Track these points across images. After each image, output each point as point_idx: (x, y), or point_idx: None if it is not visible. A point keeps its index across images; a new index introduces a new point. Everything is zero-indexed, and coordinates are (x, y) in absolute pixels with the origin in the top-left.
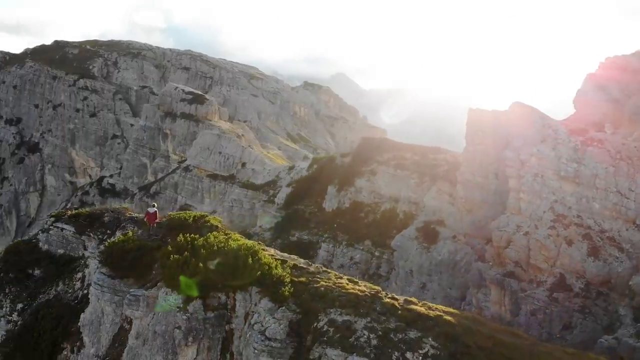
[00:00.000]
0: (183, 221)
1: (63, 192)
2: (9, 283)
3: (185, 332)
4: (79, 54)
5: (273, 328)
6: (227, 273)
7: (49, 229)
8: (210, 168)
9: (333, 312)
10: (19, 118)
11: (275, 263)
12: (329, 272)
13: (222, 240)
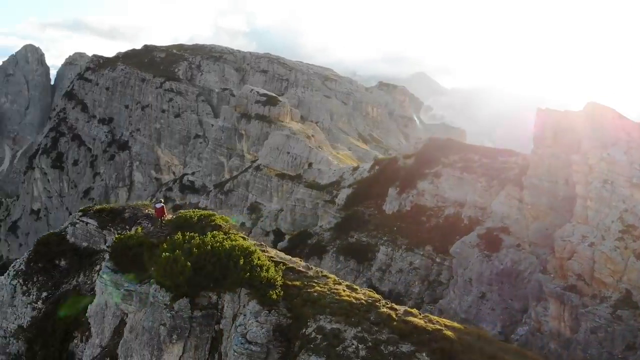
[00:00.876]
0: (188, 219)
1: (149, 187)
2: (37, 272)
3: (169, 329)
4: (165, 58)
5: (254, 331)
6: (218, 273)
7: (76, 223)
8: (279, 167)
9: (323, 319)
10: (111, 118)
11: (269, 265)
12: (328, 277)
13: (219, 239)
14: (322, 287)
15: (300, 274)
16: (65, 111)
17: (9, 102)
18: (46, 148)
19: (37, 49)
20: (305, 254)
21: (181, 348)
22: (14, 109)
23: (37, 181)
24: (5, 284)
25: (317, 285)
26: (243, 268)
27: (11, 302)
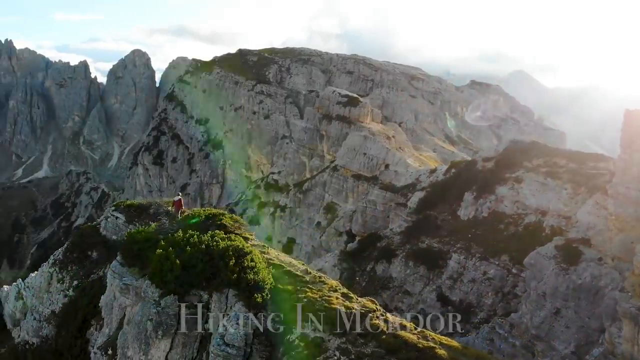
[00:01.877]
0: (195, 217)
1: (239, 185)
2: (72, 262)
3: (155, 325)
4: (257, 61)
5: (232, 334)
6: (209, 272)
7: (108, 217)
8: (355, 168)
9: (307, 326)
10: (207, 118)
11: (260, 268)
12: (325, 284)
13: (219, 238)
14: (315, 293)
15: (296, 278)
16: (166, 112)
17: (119, 103)
18: (148, 146)
19: (144, 53)
20: (374, 257)
21: (168, 344)
22: (123, 109)
23: (139, 176)
24: (44, 272)
25: (310, 290)
26: (232, 269)
27: (47, 288)
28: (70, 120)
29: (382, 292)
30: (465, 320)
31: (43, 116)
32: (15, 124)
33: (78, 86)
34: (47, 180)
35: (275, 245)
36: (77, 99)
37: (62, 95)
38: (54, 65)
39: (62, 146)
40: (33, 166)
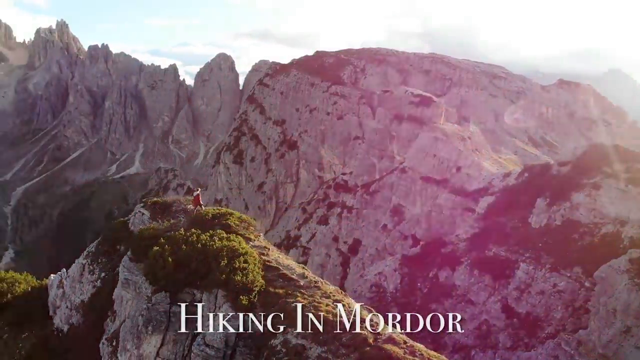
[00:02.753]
0: (202, 217)
1: (312, 184)
2: (101, 254)
3: (145, 320)
4: (333, 63)
5: (212, 334)
6: (202, 271)
7: (136, 213)
8: (424, 170)
9: (291, 332)
10: (283, 119)
11: (251, 270)
12: (320, 289)
13: (217, 238)
14: (306, 298)
15: (290, 282)
16: (246, 113)
17: (205, 105)
18: (229, 146)
19: (228, 57)
20: (437, 263)
21: (159, 340)
22: (209, 110)
23: (221, 174)
24: (79, 263)
25: (301, 295)
26: (222, 270)
27: (80, 278)
28: (161, 120)
29: (443, 300)
30: (531, 334)
31: (136, 116)
32: (110, 124)
33: (168, 88)
34: (138, 176)
35: (341, 246)
36: (167, 100)
37: (153, 97)
38: (147, 69)
39: (152, 144)
40: (126, 163)
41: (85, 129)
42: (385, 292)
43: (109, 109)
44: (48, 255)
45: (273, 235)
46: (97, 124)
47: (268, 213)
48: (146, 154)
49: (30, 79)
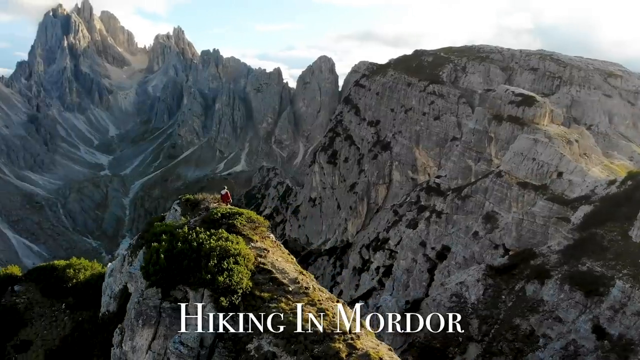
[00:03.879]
0: (212, 216)
1: (405, 186)
2: (139, 247)
3: (136, 314)
4: (432, 61)
5: (187, 333)
6: (193, 270)
7: (171, 209)
8: (521, 175)
9: (265, 339)
10: (378, 120)
11: (239, 271)
12: (308, 296)
13: (217, 238)
14: (289, 305)
15: (279, 286)
16: (342, 114)
17: (305, 106)
18: (324, 146)
19: (329, 59)
20: (524, 276)
21: (150, 334)
22: (309, 112)
23: (315, 174)
24: (121, 254)
25: (284, 301)
26: (210, 269)
27: (120, 269)
28: (265, 121)
29: (529, 316)
30: (623, 358)
31: (243, 118)
32: (220, 124)
33: (272, 91)
34: (243, 174)
35: (428, 252)
36: (271, 102)
37: (258, 99)
38: (253, 72)
39: (256, 144)
40: (233, 161)
41: (197, 129)
42: (466, 303)
43: (219, 110)
44: None
45: (364, 236)
46: (207, 124)
47: (359, 213)
48: (251, 153)
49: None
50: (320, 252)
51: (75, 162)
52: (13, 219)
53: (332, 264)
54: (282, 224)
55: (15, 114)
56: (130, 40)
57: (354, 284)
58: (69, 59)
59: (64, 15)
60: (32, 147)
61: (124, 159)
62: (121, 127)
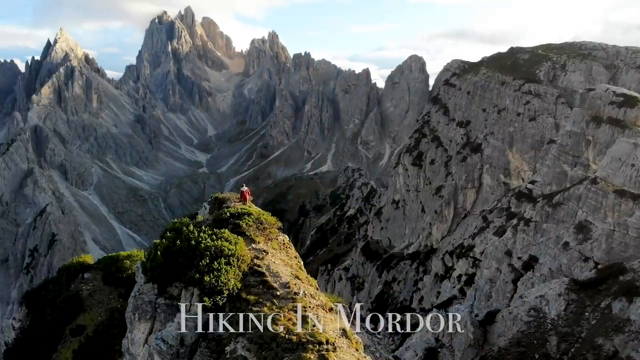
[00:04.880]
0: (221, 215)
1: (496, 191)
2: None
3: (133, 308)
4: (528, 59)
5: (169, 330)
6: (187, 268)
7: (202, 206)
8: (619, 182)
9: (240, 342)
10: (468, 121)
11: (226, 271)
12: (294, 301)
13: (217, 237)
14: (272, 310)
15: (268, 290)
16: (429, 114)
17: (393, 107)
18: (410, 147)
19: (419, 58)
20: (612, 293)
21: (147, 328)
22: (397, 112)
23: (399, 176)
24: None
25: (268, 306)
26: (201, 269)
27: None
28: (352, 122)
29: (613, 336)
30: None
31: (330, 119)
32: (308, 125)
33: (360, 92)
34: (329, 174)
35: (514, 262)
36: (358, 103)
37: (346, 101)
38: (342, 74)
39: (343, 145)
40: (319, 161)
41: (287, 130)
42: (544, 318)
43: (308, 112)
44: None
45: (448, 243)
46: (297, 125)
47: (445, 218)
48: (337, 154)
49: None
50: (402, 256)
51: (176, 159)
52: (119, 211)
53: (415, 269)
54: (365, 225)
55: (124, 114)
56: (228, 45)
57: (436, 291)
58: (173, 63)
59: (168, 22)
60: (138, 145)
61: (220, 158)
62: (218, 128)
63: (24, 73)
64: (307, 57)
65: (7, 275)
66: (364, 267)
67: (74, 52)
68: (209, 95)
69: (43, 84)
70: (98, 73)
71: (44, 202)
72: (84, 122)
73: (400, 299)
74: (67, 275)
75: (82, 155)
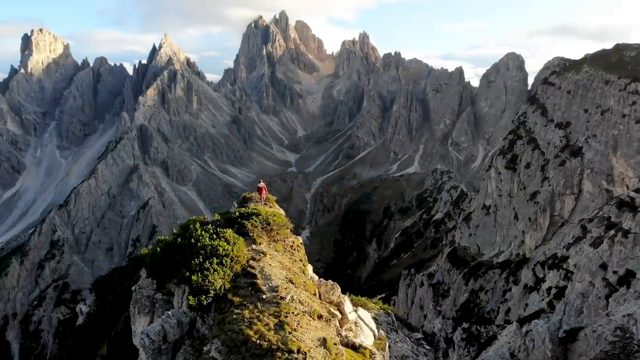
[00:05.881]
0: (230, 215)
1: (597, 199)
2: None
3: (133, 301)
4: (636, 57)
5: (153, 326)
6: (183, 266)
7: (234, 204)
8: None
9: (215, 344)
10: (568, 122)
11: (214, 270)
12: (278, 306)
13: (217, 237)
14: (254, 313)
15: (255, 293)
16: (525, 115)
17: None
18: (503, 149)
19: (517, 55)
20: None
21: (146, 321)
22: (492, 112)
23: (492, 180)
24: None
25: (249, 309)
26: (192, 267)
27: None
28: (442, 123)
29: None
30: None
31: (419, 119)
32: (395, 126)
33: (452, 91)
34: (415, 176)
35: (609, 276)
36: (450, 103)
37: (437, 100)
38: (434, 72)
39: (431, 146)
40: (406, 162)
41: (374, 131)
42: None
43: (396, 112)
44: (335, 239)
45: (542, 252)
46: (384, 125)
47: (540, 226)
48: (425, 155)
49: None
50: (491, 264)
51: (267, 158)
52: (214, 206)
53: (505, 278)
54: (453, 230)
55: (221, 115)
56: (320, 47)
57: (524, 303)
58: (267, 66)
59: (263, 26)
60: (234, 145)
61: (308, 158)
62: (307, 129)
63: (132, 76)
64: (396, 57)
65: (111, 263)
66: (449, 274)
67: (176, 56)
68: (299, 97)
69: (148, 86)
70: (198, 76)
71: (147, 196)
72: (184, 122)
73: (486, 309)
74: (134, 264)
75: (183, 153)
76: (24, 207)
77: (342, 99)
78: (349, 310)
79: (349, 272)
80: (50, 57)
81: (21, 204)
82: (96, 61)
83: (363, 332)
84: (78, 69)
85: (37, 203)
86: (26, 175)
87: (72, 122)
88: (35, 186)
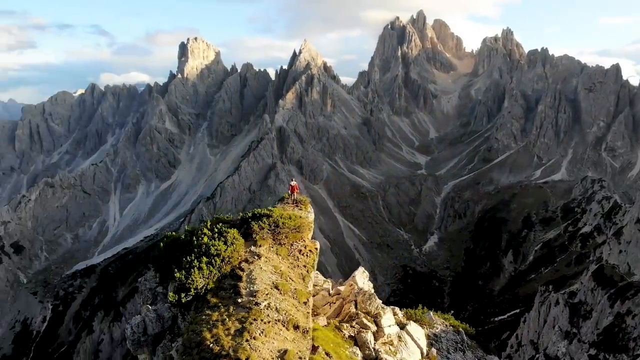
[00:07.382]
0: (246, 215)
1: None
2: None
3: (140, 292)
4: None
5: (137, 318)
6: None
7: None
8: None
9: (178, 343)
10: None
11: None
12: (250, 312)
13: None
14: (220, 316)
15: (234, 296)
16: None
17: None
18: None
19: None
20: None
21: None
22: None
23: None
24: None
25: (221, 310)
26: (183, 265)
27: None
28: (595, 125)
29: None
30: None
31: (568, 120)
32: (540, 128)
33: (607, 90)
34: (561, 183)
35: None
36: (604, 103)
37: (589, 100)
38: (586, 70)
39: (582, 151)
40: (551, 168)
41: (515, 133)
42: None
43: (541, 112)
44: (466, 247)
45: None
46: (527, 127)
47: None
48: (574, 161)
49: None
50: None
51: (396, 160)
52: (342, 205)
53: None
54: (602, 246)
55: (352, 117)
56: (458, 46)
57: None
58: (401, 67)
59: (400, 27)
60: (363, 146)
61: (440, 160)
62: (440, 130)
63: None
64: (543, 54)
65: None
66: (593, 293)
67: (314, 61)
68: (433, 98)
69: (288, 90)
70: (334, 80)
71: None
72: (319, 124)
73: (633, 335)
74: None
75: (316, 153)
76: (177, 198)
77: (480, 98)
78: (387, 323)
79: (480, 284)
80: (204, 64)
81: (175, 195)
82: (243, 67)
83: (407, 348)
84: (227, 74)
85: (188, 195)
86: (180, 170)
87: (221, 123)
88: (187, 180)
